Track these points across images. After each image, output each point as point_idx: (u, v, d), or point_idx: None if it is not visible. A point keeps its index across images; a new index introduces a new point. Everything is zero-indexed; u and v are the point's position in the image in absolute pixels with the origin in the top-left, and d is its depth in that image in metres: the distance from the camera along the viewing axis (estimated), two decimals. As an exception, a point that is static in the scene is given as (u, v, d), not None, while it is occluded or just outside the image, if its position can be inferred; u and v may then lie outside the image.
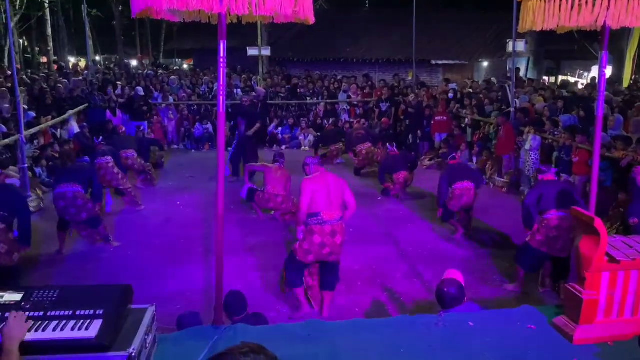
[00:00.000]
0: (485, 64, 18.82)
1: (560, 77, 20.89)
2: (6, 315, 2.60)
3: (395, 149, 9.62)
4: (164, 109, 13.97)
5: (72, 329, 2.56)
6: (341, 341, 3.40)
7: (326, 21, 18.53)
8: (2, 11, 18.45)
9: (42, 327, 2.57)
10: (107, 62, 28.52)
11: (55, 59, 23.13)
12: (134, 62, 26.89)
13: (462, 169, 7.32)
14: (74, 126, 11.25)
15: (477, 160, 10.73)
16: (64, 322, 2.60)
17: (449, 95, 13.29)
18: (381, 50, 18.58)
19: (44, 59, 25.20)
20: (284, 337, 3.42)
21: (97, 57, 27.17)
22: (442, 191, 7.06)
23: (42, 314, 2.64)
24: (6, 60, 19.26)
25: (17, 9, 20.23)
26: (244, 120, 10.02)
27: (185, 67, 25.36)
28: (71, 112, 11.50)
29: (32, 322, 2.44)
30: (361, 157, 10.65)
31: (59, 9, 23.77)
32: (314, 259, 4.81)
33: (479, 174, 8.04)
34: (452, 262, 5.97)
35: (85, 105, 12.35)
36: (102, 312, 2.65)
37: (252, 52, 15.36)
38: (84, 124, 11.05)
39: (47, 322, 2.59)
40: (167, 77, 16.85)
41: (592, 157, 4.14)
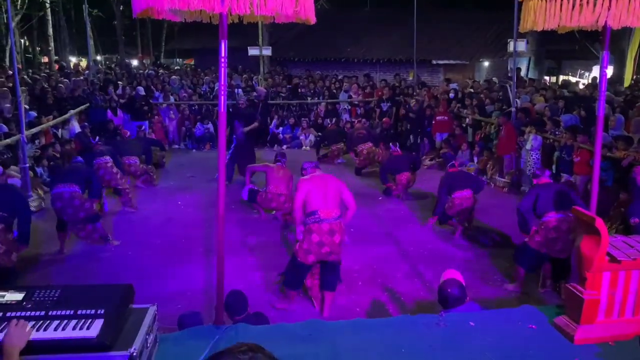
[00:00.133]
0: (486, 64, 18.81)
1: (561, 76, 20.87)
2: (7, 315, 2.61)
3: (398, 149, 9.55)
4: (164, 109, 13.97)
5: (74, 328, 2.56)
6: (342, 341, 3.40)
7: (327, 21, 18.53)
8: (4, 11, 18.45)
9: (44, 326, 2.57)
10: (108, 62, 28.57)
11: (56, 58, 23.20)
12: (135, 62, 26.91)
13: (462, 177, 7.20)
14: (75, 126, 11.28)
15: (478, 160, 10.71)
16: (65, 321, 2.60)
17: (450, 95, 13.30)
18: (382, 50, 18.57)
19: (45, 59, 25.25)
20: (284, 337, 3.42)
21: (98, 57, 27.20)
22: (440, 200, 6.99)
23: (43, 313, 2.64)
24: (7, 60, 19.31)
25: (19, 8, 20.29)
26: (241, 123, 9.63)
27: (178, 67, 25.26)
28: (72, 111, 11.52)
29: (34, 330, 2.45)
30: (362, 157, 10.65)
31: (60, 9, 23.81)
32: (314, 259, 4.81)
33: (478, 179, 7.97)
34: (452, 262, 5.98)
35: (86, 105, 12.35)
36: (103, 311, 2.65)
37: (253, 52, 15.35)
38: (85, 124, 11.07)
39: (48, 322, 2.60)
40: (168, 77, 16.87)
41: (593, 157, 4.14)
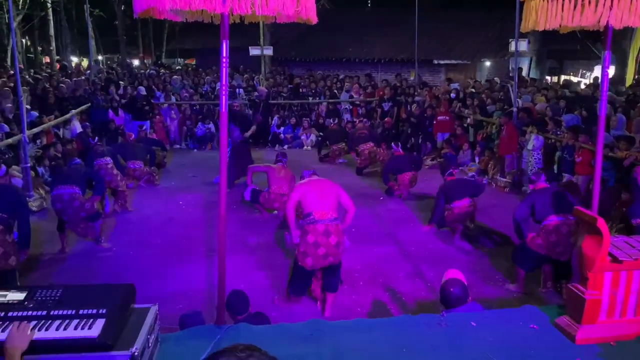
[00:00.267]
0: (487, 64, 18.81)
1: (562, 76, 20.84)
2: (9, 314, 2.62)
3: (400, 149, 9.53)
4: (166, 109, 13.97)
5: (75, 328, 2.56)
6: (343, 341, 3.39)
7: (328, 21, 18.51)
8: (5, 11, 18.45)
9: (45, 326, 2.57)
10: (109, 62, 28.61)
11: (57, 58, 23.20)
12: (136, 62, 26.93)
13: (461, 185, 7.11)
14: (76, 126, 11.29)
15: (480, 160, 10.71)
16: (67, 321, 2.60)
17: (451, 95, 13.29)
18: (383, 49, 18.58)
19: (47, 59, 25.27)
20: (286, 337, 3.42)
21: (100, 57, 27.24)
22: (437, 208, 6.95)
23: (45, 313, 2.64)
24: (9, 59, 19.34)
25: (20, 8, 20.30)
26: (236, 127, 9.29)
27: (179, 67, 25.23)
28: (74, 111, 11.53)
29: (36, 330, 2.45)
30: (364, 156, 10.64)
31: (61, 9, 23.81)
32: (312, 262, 4.78)
33: (477, 183, 7.90)
34: (454, 261, 5.97)
35: (87, 104, 12.35)
36: (104, 311, 2.65)
37: (254, 51, 15.35)
38: (87, 124, 11.08)
39: (50, 321, 2.60)
40: (169, 77, 16.87)
41: (595, 157, 4.13)
